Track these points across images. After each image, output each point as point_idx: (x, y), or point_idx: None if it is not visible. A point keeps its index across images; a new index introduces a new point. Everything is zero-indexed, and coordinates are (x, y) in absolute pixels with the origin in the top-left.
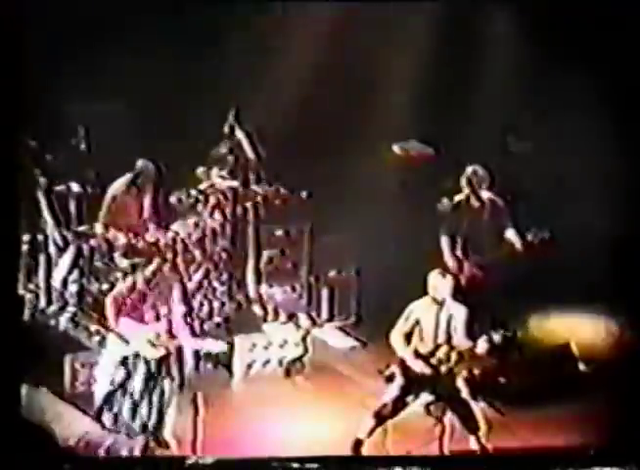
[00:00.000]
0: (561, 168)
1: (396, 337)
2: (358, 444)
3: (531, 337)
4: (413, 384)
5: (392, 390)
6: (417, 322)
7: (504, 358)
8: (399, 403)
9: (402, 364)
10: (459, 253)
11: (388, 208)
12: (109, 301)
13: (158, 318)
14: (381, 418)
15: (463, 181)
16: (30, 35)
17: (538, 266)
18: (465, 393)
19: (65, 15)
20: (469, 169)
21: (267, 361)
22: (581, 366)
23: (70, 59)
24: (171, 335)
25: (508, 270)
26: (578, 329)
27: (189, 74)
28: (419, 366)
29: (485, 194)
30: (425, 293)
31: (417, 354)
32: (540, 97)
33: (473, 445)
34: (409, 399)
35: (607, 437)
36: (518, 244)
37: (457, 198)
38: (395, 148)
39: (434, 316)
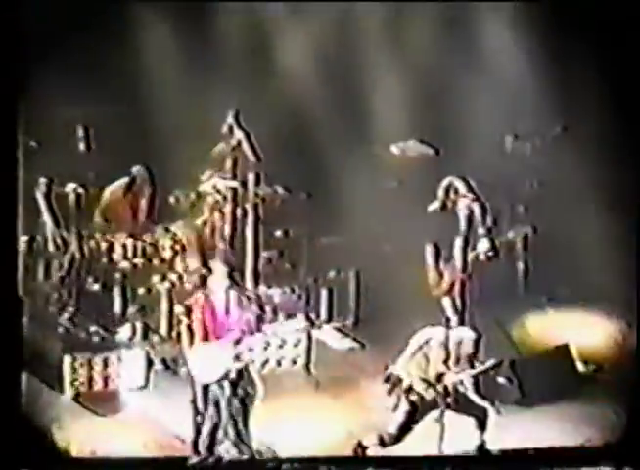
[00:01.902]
0: (560, 168)
1: (404, 365)
2: (362, 448)
3: (531, 337)
4: (418, 409)
5: (398, 417)
6: (424, 354)
7: (505, 358)
8: (405, 429)
9: (408, 392)
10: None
11: (387, 209)
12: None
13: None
14: (384, 444)
15: (440, 192)
16: (30, 35)
17: (538, 266)
18: (471, 393)
19: (65, 14)
20: (445, 182)
21: (266, 362)
22: (580, 367)
23: (70, 59)
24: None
25: (507, 270)
26: (577, 329)
27: (189, 74)
28: (428, 393)
29: (463, 202)
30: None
31: (424, 381)
32: (540, 97)
33: (474, 443)
34: (414, 425)
35: (607, 437)
36: (484, 254)
37: (431, 206)
38: (394, 148)
39: (443, 351)
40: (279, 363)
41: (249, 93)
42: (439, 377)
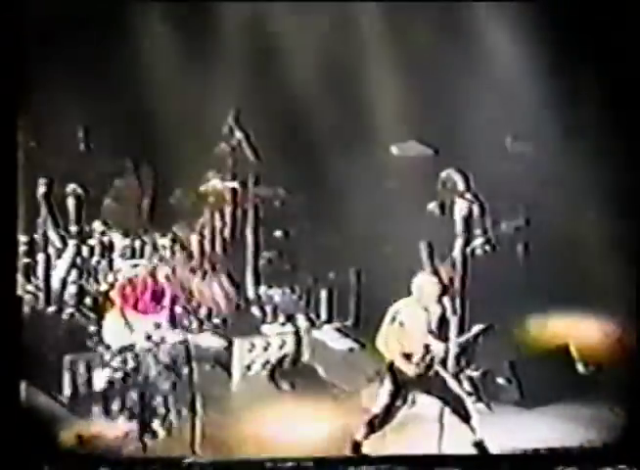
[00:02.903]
0: (560, 169)
1: (383, 341)
2: (356, 445)
3: (531, 337)
4: (401, 388)
5: (382, 398)
6: (401, 324)
7: (504, 358)
8: (391, 409)
9: (390, 369)
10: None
11: (386, 209)
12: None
13: (159, 309)
14: (374, 427)
15: (438, 185)
16: (30, 35)
17: (538, 266)
18: (451, 382)
19: (65, 15)
20: (443, 174)
21: (266, 362)
22: (580, 367)
23: (70, 59)
24: (173, 325)
25: (507, 271)
26: (577, 330)
27: (189, 74)
28: (409, 369)
29: (461, 199)
30: None
31: (406, 356)
32: (540, 97)
33: (469, 435)
34: (399, 403)
35: (607, 437)
36: (480, 248)
37: (431, 205)
38: (394, 149)
39: (420, 318)
40: (280, 363)
41: (249, 93)
42: (425, 348)
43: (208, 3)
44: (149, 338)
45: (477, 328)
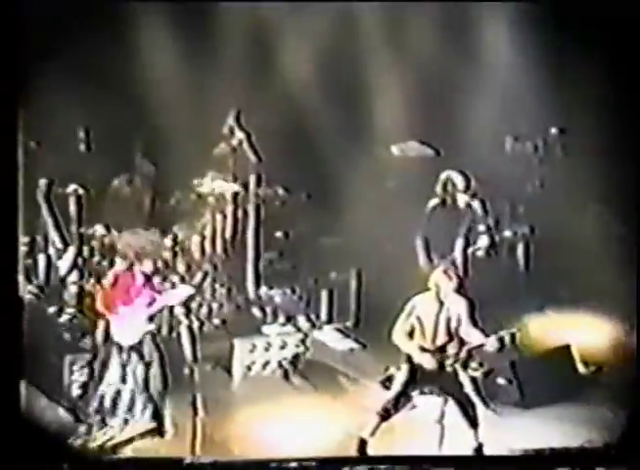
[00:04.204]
0: (560, 168)
1: (399, 334)
2: (363, 443)
3: (531, 337)
4: (416, 379)
5: (396, 385)
6: (418, 318)
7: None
8: (403, 398)
9: (408, 360)
10: (434, 255)
11: (387, 209)
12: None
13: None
14: (385, 415)
15: (438, 187)
16: (30, 35)
17: (538, 266)
18: (468, 387)
19: (65, 14)
20: (443, 175)
21: (267, 363)
22: (580, 368)
23: (70, 59)
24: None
25: (507, 270)
26: (578, 330)
27: (189, 75)
28: (426, 362)
29: (462, 198)
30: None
31: (423, 350)
32: (540, 98)
33: (470, 440)
34: (412, 393)
35: (607, 438)
36: (483, 250)
37: (432, 202)
38: (394, 149)
39: (436, 313)
40: (280, 364)
41: (249, 94)
42: (442, 343)
43: (208, 3)
44: (151, 319)
45: (501, 333)
